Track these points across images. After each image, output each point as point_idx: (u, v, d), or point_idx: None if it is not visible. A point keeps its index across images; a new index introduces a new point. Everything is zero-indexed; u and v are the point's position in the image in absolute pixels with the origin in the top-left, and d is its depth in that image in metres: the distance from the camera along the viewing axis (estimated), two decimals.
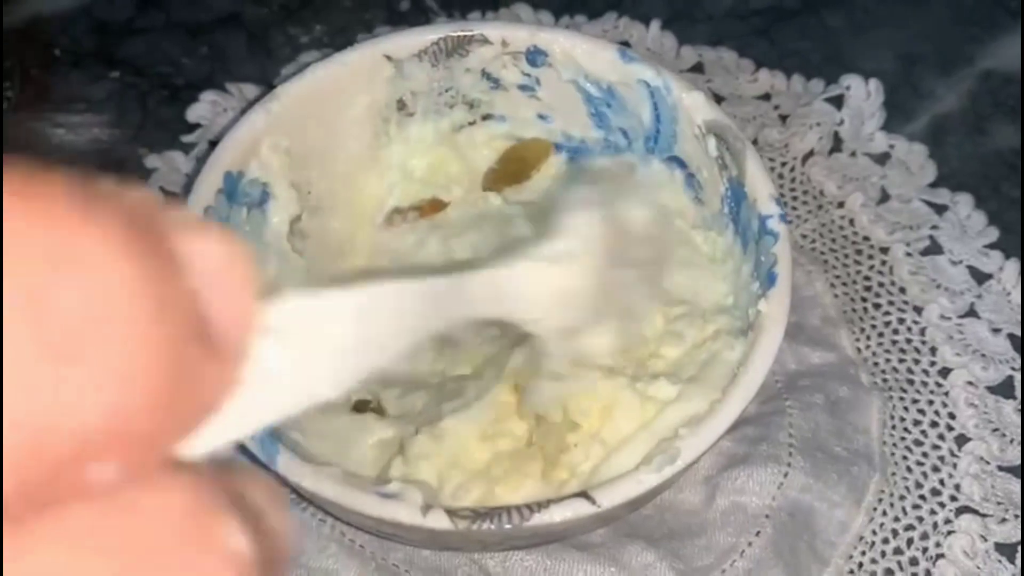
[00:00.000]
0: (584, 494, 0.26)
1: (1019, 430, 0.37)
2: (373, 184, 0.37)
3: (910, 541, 0.35)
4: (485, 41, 0.36)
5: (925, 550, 0.35)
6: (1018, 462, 0.36)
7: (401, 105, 0.37)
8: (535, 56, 0.36)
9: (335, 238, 0.36)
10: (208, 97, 0.44)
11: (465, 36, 0.36)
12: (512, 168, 0.38)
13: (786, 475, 0.34)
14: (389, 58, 0.35)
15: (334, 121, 0.35)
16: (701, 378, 0.31)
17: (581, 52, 0.35)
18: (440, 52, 0.36)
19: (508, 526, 0.26)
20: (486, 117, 0.38)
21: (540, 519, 0.26)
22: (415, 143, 0.38)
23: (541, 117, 0.38)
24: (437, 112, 0.38)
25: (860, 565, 0.34)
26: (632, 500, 0.27)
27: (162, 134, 0.44)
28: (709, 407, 0.28)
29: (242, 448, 0.27)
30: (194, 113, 0.44)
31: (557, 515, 0.26)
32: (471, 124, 0.38)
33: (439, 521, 0.26)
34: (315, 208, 0.35)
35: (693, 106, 0.33)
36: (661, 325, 0.33)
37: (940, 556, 0.34)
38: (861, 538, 0.35)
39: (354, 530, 0.34)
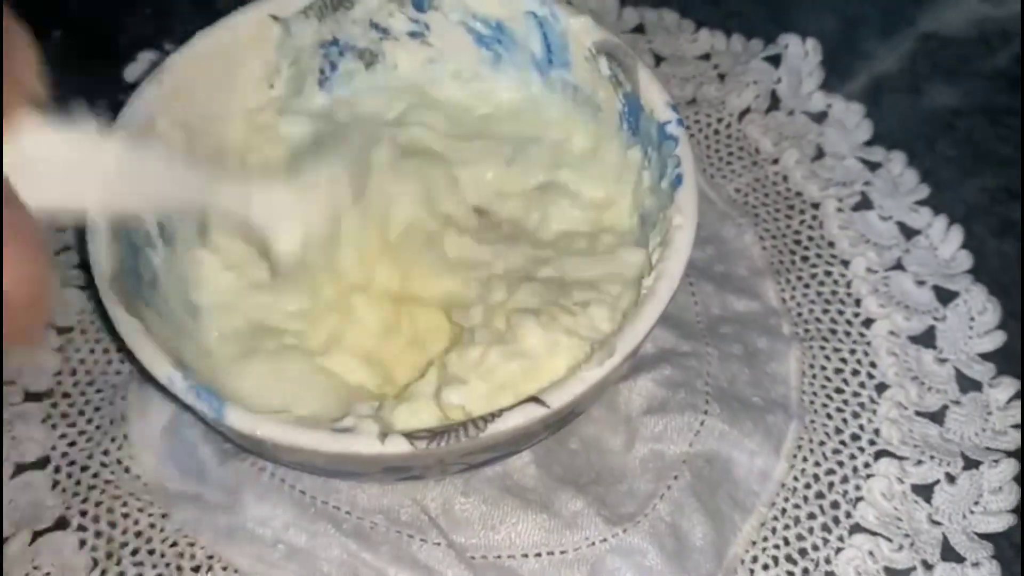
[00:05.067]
0: (534, 398, 0.27)
1: (938, 378, 0.38)
2: (268, 151, 0.37)
3: (831, 485, 0.36)
4: None
5: (845, 493, 0.35)
6: (936, 408, 0.37)
7: (293, 63, 0.36)
8: (420, 1, 0.36)
9: None
10: (146, 56, 0.44)
11: None
12: None
13: (703, 423, 0.35)
14: (275, 17, 0.35)
15: (226, 87, 0.35)
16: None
17: None
18: (326, 6, 0.35)
19: (466, 439, 0.26)
20: (368, 64, 0.38)
21: (495, 428, 0.26)
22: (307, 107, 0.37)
23: (431, 62, 0.38)
24: (328, 70, 0.37)
25: (783, 511, 0.35)
26: (578, 398, 0.27)
27: (102, 94, 0.44)
28: (637, 303, 0.29)
29: (191, 409, 0.28)
30: (131, 73, 0.44)
31: (511, 421, 0.26)
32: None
33: (398, 446, 0.26)
34: None
35: (581, 30, 0.34)
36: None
37: (860, 499, 0.35)
38: (783, 484, 0.35)
39: (295, 476, 0.34)
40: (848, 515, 0.35)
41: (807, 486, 0.36)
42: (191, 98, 0.33)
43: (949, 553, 0.34)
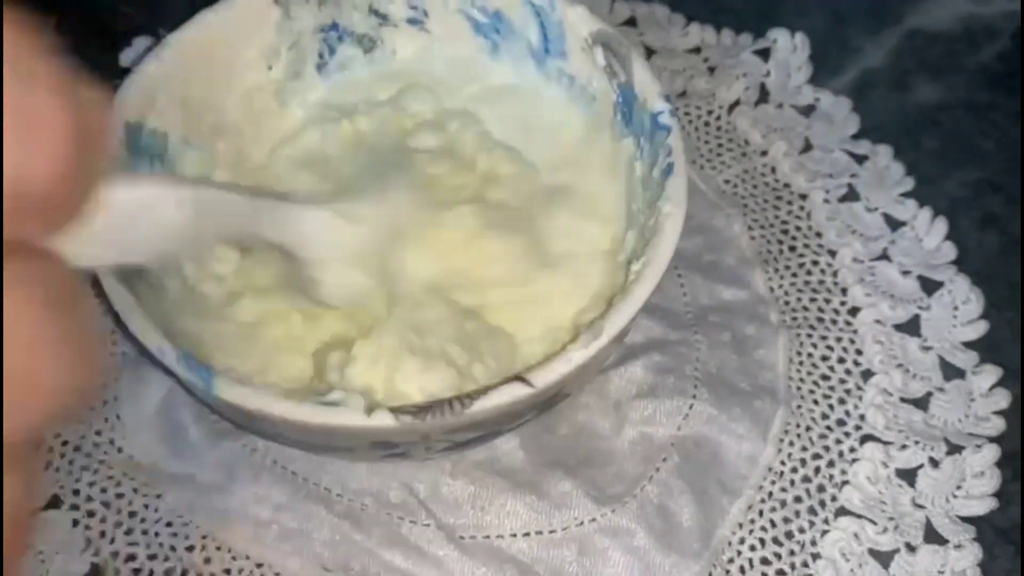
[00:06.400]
0: (519, 377, 0.27)
1: (922, 365, 0.38)
2: (266, 136, 0.37)
3: (817, 469, 0.36)
4: None
5: (831, 477, 0.36)
6: (920, 394, 0.38)
7: (292, 46, 0.37)
8: None
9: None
10: (142, 43, 0.44)
11: None
12: None
13: (691, 407, 0.36)
14: (276, 1, 0.35)
15: (225, 67, 0.35)
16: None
17: None
18: None
19: (451, 416, 0.26)
20: (367, 50, 0.38)
21: (481, 406, 0.26)
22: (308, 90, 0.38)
23: (429, 49, 0.38)
24: (327, 54, 0.37)
25: (770, 494, 0.36)
26: (564, 378, 0.27)
27: (98, 79, 0.44)
28: (624, 287, 0.29)
29: (177, 378, 0.28)
30: (127, 58, 0.44)
31: (496, 399, 0.26)
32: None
33: (384, 420, 0.26)
34: (212, 163, 0.35)
35: (578, 20, 0.34)
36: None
37: (845, 483, 0.36)
38: (770, 468, 0.36)
39: (286, 458, 0.34)
40: (833, 498, 0.36)
41: (794, 470, 0.36)
42: (190, 76, 0.34)
43: (932, 536, 0.35)
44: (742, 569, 0.34)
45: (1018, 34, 0.49)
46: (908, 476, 0.36)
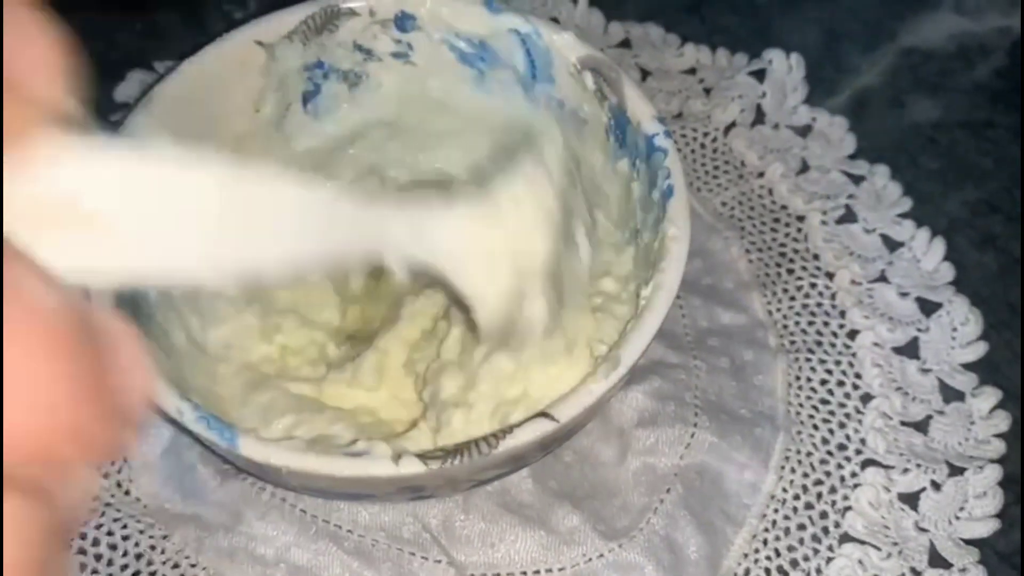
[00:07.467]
0: (543, 413, 0.27)
1: (922, 388, 0.38)
2: None
3: (819, 496, 0.36)
4: (352, 13, 0.36)
5: (834, 503, 0.36)
6: (920, 417, 0.38)
7: (279, 87, 0.36)
8: (404, 21, 0.36)
9: None
10: (136, 76, 0.44)
11: (333, 10, 0.36)
12: None
13: (693, 435, 0.36)
14: (260, 43, 0.35)
15: (214, 113, 0.35)
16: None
17: (449, 11, 0.36)
18: (310, 30, 0.36)
19: (479, 457, 0.26)
20: (352, 85, 0.38)
21: (508, 444, 0.26)
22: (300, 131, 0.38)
23: (415, 81, 0.38)
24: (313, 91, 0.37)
25: (774, 523, 0.36)
26: (586, 410, 0.28)
27: (92, 114, 0.44)
28: (637, 314, 0.29)
29: (199, 439, 0.28)
30: (122, 92, 0.44)
31: (523, 437, 0.27)
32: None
33: (412, 467, 0.26)
34: None
35: (565, 46, 0.34)
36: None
37: (848, 508, 0.36)
38: (773, 496, 0.36)
39: (295, 496, 0.34)
40: (837, 525, 0.36)
41: (796, 497, 0.36)
42: (179, 125, 0.33)
43: (936, 559, 0.35)
44: None
45: (1013, 51, 0.49)
46: (910, 500, 0.36)
